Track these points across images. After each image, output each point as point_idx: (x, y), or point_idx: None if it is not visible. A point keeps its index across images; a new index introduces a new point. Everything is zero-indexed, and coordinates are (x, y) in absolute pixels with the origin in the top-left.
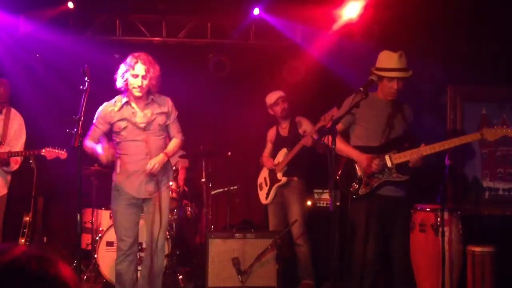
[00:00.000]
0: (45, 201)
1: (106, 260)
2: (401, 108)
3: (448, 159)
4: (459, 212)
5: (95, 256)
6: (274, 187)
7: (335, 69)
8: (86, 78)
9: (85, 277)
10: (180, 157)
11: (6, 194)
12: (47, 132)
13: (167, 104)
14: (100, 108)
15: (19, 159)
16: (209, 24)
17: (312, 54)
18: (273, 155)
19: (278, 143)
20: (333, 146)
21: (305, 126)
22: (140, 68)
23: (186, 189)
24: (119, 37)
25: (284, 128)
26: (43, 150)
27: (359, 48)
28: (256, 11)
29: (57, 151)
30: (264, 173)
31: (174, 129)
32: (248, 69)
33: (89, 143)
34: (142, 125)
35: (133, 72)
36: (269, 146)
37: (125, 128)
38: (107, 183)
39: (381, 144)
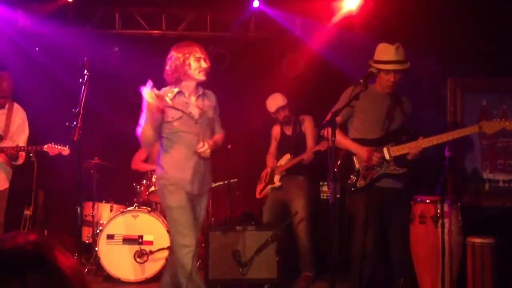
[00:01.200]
0: (45, 194)
1: (107, 253)
2: (400, 101)
3: (448, 151)
4: (459, 204)
5: (96, 249)
6: (268, 187)
7: (335, 61)
8: (85, 71)
9: (86, 270)
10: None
11: (7, 188)
12: (48, 126)
13: (214, 98)
14: None
15: (23, 153)
16: (208, 17)
17: (312, 46)
18: (278, 153)
19: (283, 143)
20: (333, 138)
21: (307, 124)
22: (201, 52)
23: None
24: (118, 30)
25: (288, 128)
26: (45, 146)
27: (359, 40)
28: (256, 4)
29: (59, 147)
30: (268, 169)
31: (218, 124)
32: (248, 62)
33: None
34: (196, 117)
35: (197, 55)
36: (274, 144)
37: (179, 118)
38: (107, 176)
39: (379, 136)
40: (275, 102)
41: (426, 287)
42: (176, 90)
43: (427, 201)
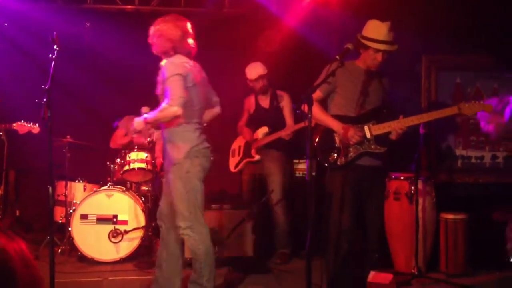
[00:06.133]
0: (16, 173)
1: (81, 233)
2: (380, 78)
3: (422, 128)
4: (433, 180)
5: (69, 229)
6: (244, 161)
7: (311, 38)
8: (55, 47)
9: (59, 250)
10: (157, 128)
11: None
12: (18, 103)
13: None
14: None
15: None
16: None
17: (288, 23)
18: (253, 125)
19: (259, 115)
20: (309, 115)
21: (286, 101)
22: None
23: (162, 160)
24: (90, 5)
25: (263, 100)
26: (14, 124)
27: (335, 17)
28: None
29: (29, 125)
30: (239, 141)
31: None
32: (223, 39)
33: None
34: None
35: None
36: (245, 115)
37: None
38: (80, 155)
39: (360, 114)
40: (255, 69)
41: (400, 262)
42: None
43: (402, 178)
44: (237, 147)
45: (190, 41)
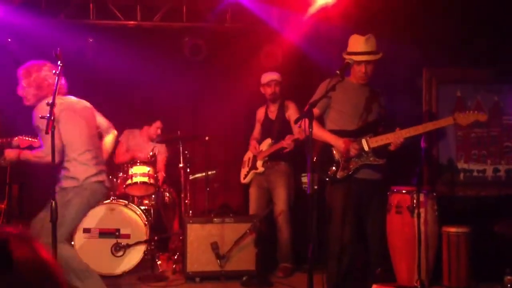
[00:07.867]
0: (20, 188)
1: (83, 247)
2: (375, 92)
3: (423, 142)
4: (434, 194)
5: (72, 243)
6: (251, 172)
7: (312, 53)
8: (59, 62)
9: None
10: (158, 142)
11: None
12: (21, 118)
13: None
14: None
15: None
16: (184, 7)
17: (289, 37)
18: (260, 137)
19: (265, 126)
20: (310, 129)
21: (291, 110)
22: None
23: (164, 174)
24: (93, 20)
25: (272, 111)
26: (16, 139)
27: (336, 31)
28: None
29: (30, 139)
30: (250, 153)
31: None
32: (224, 53)
33: None
34: None
35: None
36: (257, 127)
37: None
38: None
39: (356, 128)
40: (270, 74)
41: (402, 276)
42: None
43: (403, 191)
44: (247, 158)
45: (62, 81)
